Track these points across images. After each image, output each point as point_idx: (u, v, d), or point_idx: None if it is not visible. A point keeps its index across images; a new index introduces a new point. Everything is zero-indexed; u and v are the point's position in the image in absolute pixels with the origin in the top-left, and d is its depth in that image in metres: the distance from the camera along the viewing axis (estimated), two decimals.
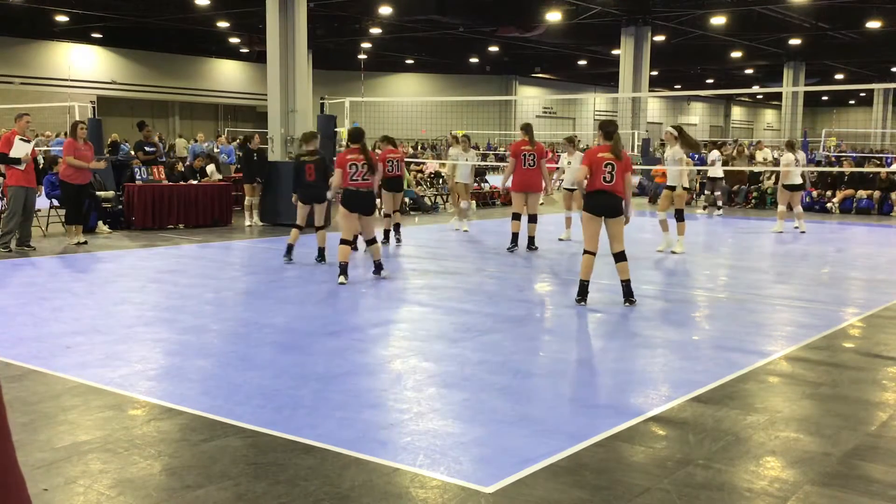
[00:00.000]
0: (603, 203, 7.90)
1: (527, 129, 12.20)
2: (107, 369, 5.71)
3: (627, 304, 8.02)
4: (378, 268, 9.47)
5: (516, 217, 12.20)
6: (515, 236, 12.16)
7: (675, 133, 12.05)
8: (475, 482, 3.87)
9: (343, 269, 9.09)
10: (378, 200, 12.49)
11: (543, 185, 12.22)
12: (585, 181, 7.98)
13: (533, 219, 12.10)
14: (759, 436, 4.58)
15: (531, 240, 12.08)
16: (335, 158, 10.10)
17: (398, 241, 13.05)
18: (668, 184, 12.34)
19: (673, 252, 11.97)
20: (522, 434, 4.53)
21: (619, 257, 7.99)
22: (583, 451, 4.28)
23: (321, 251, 10.72)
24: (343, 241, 9.12)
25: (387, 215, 13.10)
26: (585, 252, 8.06)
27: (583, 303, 8.08)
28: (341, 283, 9.00)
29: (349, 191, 9.08)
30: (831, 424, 4.80)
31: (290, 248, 10.71)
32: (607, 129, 8.14)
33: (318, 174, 10.64)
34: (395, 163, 12.76)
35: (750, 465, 4.17)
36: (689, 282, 10.02)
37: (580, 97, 50.25)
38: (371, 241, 9.45)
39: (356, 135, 9.43)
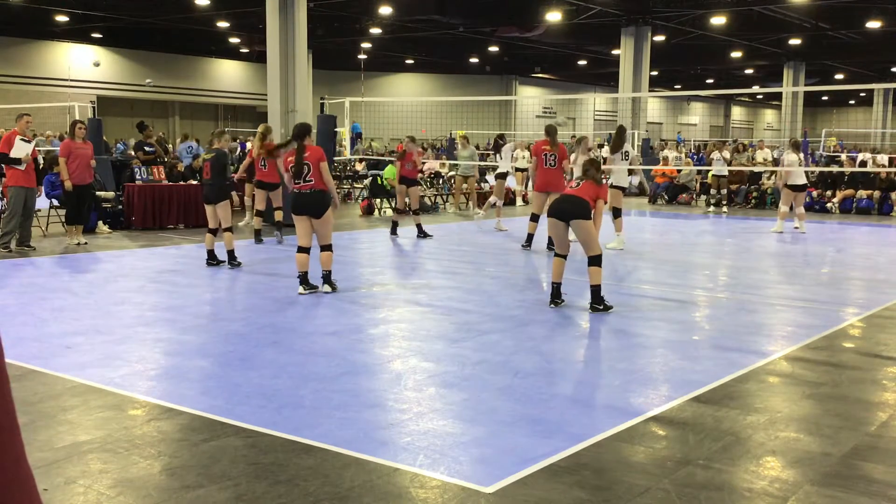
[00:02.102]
0: (559, 207, 7.82)
1: (549, 130, 12.23)
2: (107, 369, 5.71)
3: (591, 310, 7.78)
4: (324, 280, 8.58)
5: (534, 219, 12.25)
6: (531, 237, 12.30)
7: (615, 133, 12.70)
8: (475, 482, 3.87)
9: (302, 279, 8.52)
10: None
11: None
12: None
13: None
14: (759, 436, 4.58)
15: (551, 240, 11.97)
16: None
17: (423, 235, 13.61)
18: (612, 183, 12.37)
19: (607, 248, 11.89)
20: (522, 434, 4.53)
21: (589, 262, 7.77)
22: (583, 451, 4.28)
23: (230, 254, 10.20)
24: (299, 249, 8.50)
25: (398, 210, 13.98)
26: (555, 255, 8.09)
27: (551, 306, 7.97)
28: (301, 294, 8.47)
29: (293, 193, 8.50)
30: (831, 424, 4.80)
31: (210, 254, 10.34)
32: (589, 161, 8.24)
33: (213, 171, 10.14)
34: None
35: (750, 465, 4.17)
36: (689, 282, 10.02)
37: (580, 97, 50.25)
38: (323, 248, 8.52)
39: (297, 132, 8.53)
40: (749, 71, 45.26)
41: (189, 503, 3.65)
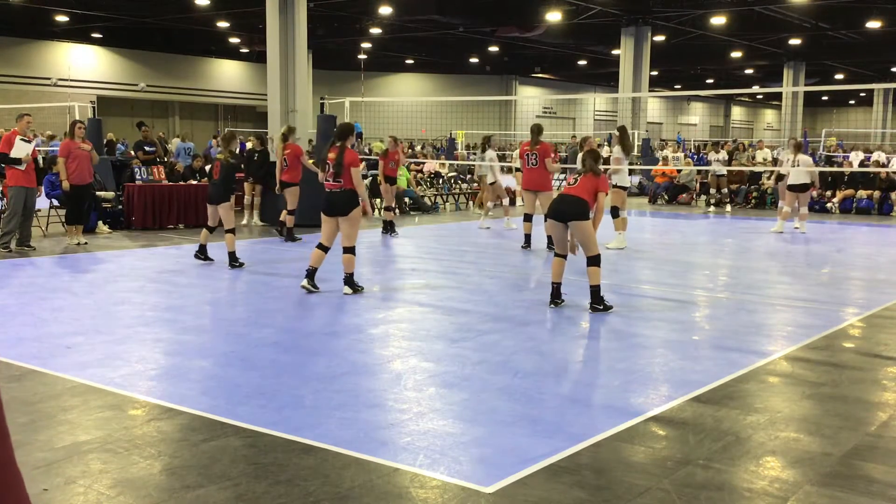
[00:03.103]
0: (557, 208, 7.82)
1: (531, 129, 12.36)
2: (107, 369, 5.71)
3: (591, 310, 7.74)
4: (345, 282, 8.59)
5: (527, 219, 12.29)
6: (528, 237, 12.30)
7: (618, 133, 12.68)
8: (475, 482, 3.87)
9: (309, 273, 8.55)
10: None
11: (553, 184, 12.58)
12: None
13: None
14: (759, 436, 4.58)
15: (550, 239, 12.00)
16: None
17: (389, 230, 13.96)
18: (616, 183, 12.33)
19: (607, 248, 11.84)
20: (522, 434, 4.53)
21: (588, 262, 7.75)
22: (583, 451, 4.28)
23: (231, 255, 10.14)
24: (318, 246, 8.58)
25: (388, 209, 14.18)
26: (555, 255, 8.09)
27: (551, 306, 7.97)
28: (302, 286, 8.50)
29: (325, 192, 8.56)
30: (831, 424, 4.80)
31: (201, 248, 10.45)
32: (588, 152, 8.20)
33: (221, 174, 10.16)
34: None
35: (750, 465, 4.17)
36: (689, 282, 10.02)
37: (580, 97, 50.25)
38: (346, 250, 8.51)
39: (339, 132, 8.68)
40: (749, 71, 45.25)
41: (189, 503, 3.65)
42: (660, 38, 31.25)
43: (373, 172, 19.89)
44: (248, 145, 19.74)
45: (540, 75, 49.42)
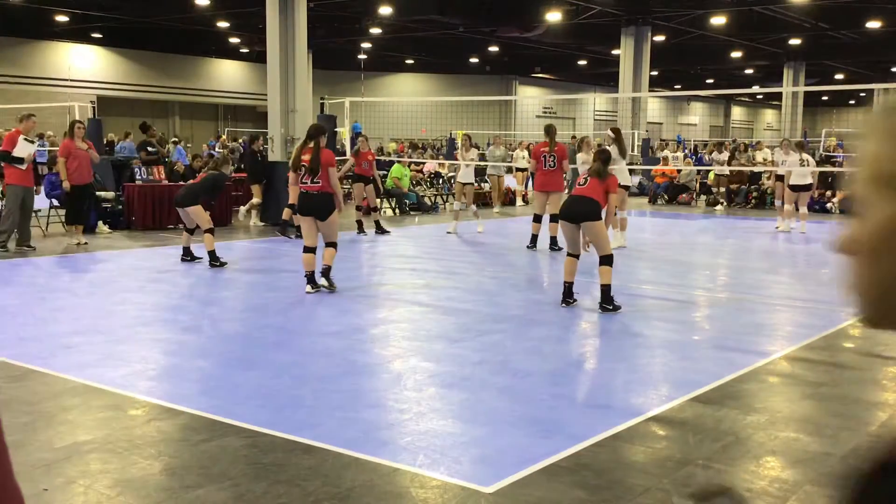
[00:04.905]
0: (569, 209, 7.84)
1: (547, 130, 12.30)
2: (107, 369, 5.71)
3: (601, 310, 7.74)
4: (322, 274, 8.48)
5: (537, 219, 12.27)
6: (535, 237, 12.28)
7: (613, 135, 12.56)
8: (475, 482, 3.87)
9: (309, 278, 8.49)
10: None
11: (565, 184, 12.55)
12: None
13: (554, 218, 12.03)
14: (759, 436, 4.58)
15: (553, 240, 12.03)
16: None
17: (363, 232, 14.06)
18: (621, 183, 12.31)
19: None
20: (522, 434, 4.53)
21: (600, 261, 7.78)
22: (583, 451, 4.28)
23: (211, 255, 10.11)
24: (305, 249, 8.53)
25: (357, 208, 14.40)
26: (567, 254, 8.08)
27: (563, 305, 7.97)
28: (308, 293, 8.43)
29: (300, 193, 8.53)
30: (831, 424, 4.80)
31: (185, 250, 10.54)
32: (600, 152, 8.22)
33: (205, 182, 10.38)
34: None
35: (750, 465, 4.17)
36: (689, 282, 10.02)
37: (580, 97, 50.22)
38: (328, 245, 8.51)
39: (311, 132, 8.59)
40: (749, 71, 45.23)
41: (189, 503, 3.65)
42: (660, 38, 31.23)
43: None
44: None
45: (540, 75, 49.41)
